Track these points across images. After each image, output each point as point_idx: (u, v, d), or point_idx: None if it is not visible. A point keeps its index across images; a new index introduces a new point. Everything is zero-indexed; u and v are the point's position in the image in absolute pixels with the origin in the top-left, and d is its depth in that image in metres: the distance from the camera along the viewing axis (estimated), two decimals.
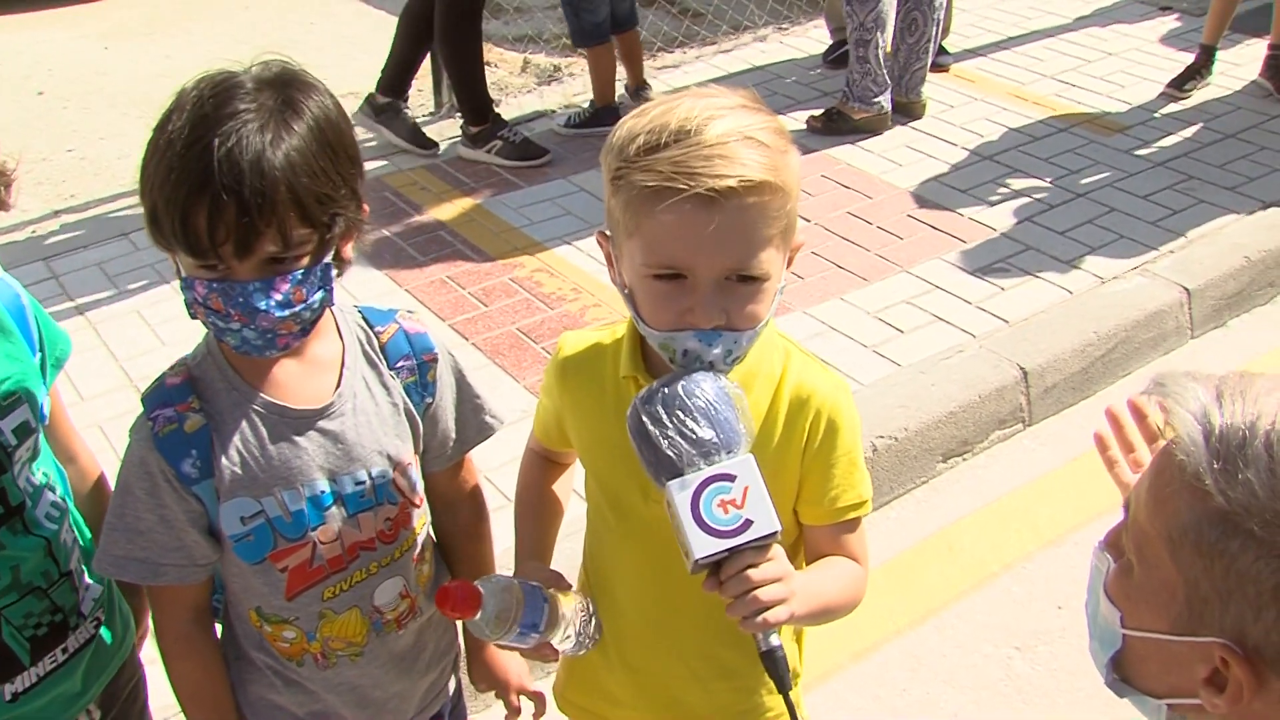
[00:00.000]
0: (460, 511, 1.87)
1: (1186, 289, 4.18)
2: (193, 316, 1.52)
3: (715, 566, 1.35)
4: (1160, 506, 1.08)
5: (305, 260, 1.49)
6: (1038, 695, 2.88)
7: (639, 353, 1.57)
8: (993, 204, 4.74)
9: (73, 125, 5.91)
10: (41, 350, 1.65)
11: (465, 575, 1.86)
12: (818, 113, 5.43)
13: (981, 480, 3.62)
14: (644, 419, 1.37)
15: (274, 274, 1.47)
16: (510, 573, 1.69)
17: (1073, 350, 3.89)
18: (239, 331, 1.50)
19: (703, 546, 1.33)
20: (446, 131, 5.54)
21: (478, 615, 1.47)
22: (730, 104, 1.42)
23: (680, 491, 1.34)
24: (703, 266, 1.38)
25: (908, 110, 5.44)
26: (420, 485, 1.74)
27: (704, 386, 1.38)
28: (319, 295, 1.52)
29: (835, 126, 5.31)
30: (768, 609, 1.35)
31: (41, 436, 1.63)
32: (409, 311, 1.76)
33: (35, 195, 5.16)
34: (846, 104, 5.31)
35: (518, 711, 1.92)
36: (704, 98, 1.43)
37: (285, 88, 1.49)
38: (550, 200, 4.92)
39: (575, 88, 5.87)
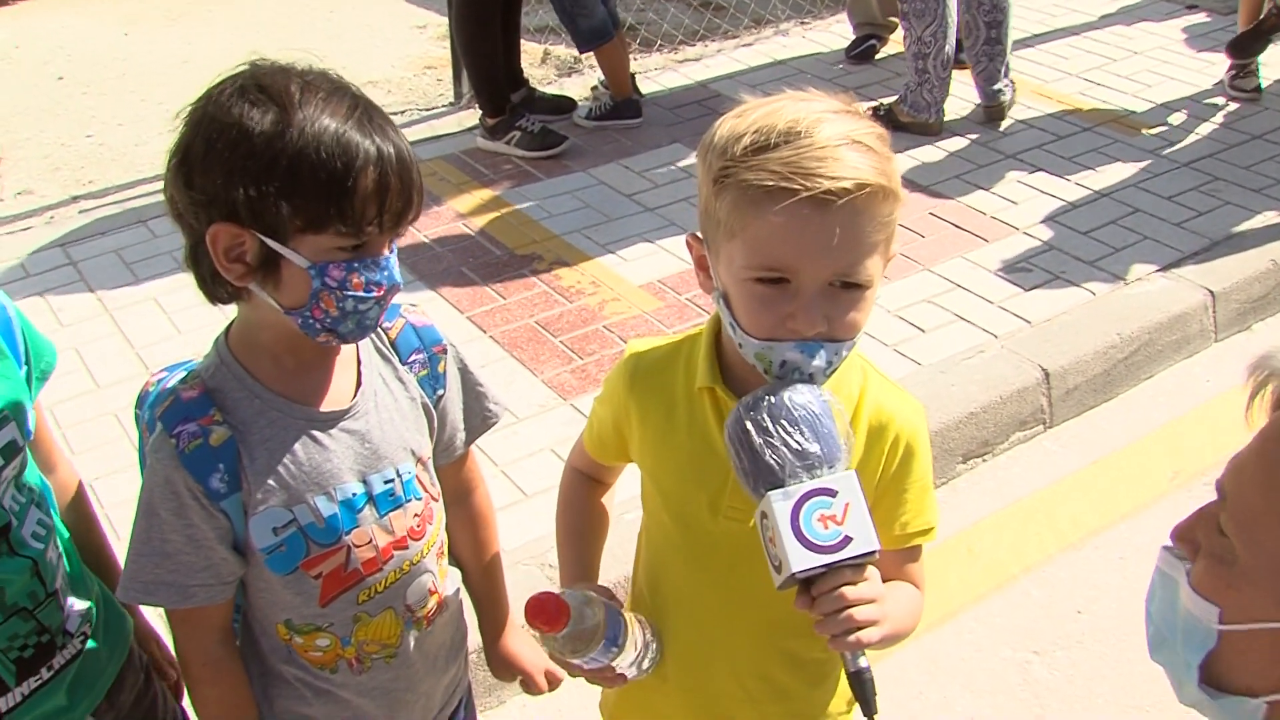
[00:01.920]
0: (468, 504, 1.86)
1: (1211, 292, 4.13)
2: (304, 314, 1.47)
3: (807, 583, 1.32)
4: (1274, 479, 1.04)
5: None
6: (1055, 700, 2.85)
7: (717, 364, 1.53)
8: (1016, 203, 4.70)
9: (92, 111, 5.92)
10: (27, 364, 1.61)
11: (474, 567, 1.88)
12: (885, 100, 5.40)
13: (1002, 482, 3.58)
14: (748, 426, 1.33)
15: (392, 246, 1.51)
16: (527, 566, 1.66)
17: (1095, 352, 3.85)
18: (366, 311, 1.49)
19: (800, 560, 1.29)
20: (466, 122, 5.52)
21: (566, 629, 1.42)
22: (833, 108, 1.39)
23: (781, 502, 1.30)
24: (809, 270, 1.34)
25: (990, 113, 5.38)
26: (436, 479, 1.73)
27: (809, 397, 1.35)
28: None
29: (886, 122, 5.25)
30: (860, 629, 1.32)
31: (29, 452, 1.59)
32: (411, 305, 1.75)
33: (53, 181, 5.16)
34: (899, 106, 5.28)
35: (542, 690, 1.93)
36: (805, 101, 1.39)
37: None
38: (570, 193, 4.89)
39: (595, 79, 5.84)
